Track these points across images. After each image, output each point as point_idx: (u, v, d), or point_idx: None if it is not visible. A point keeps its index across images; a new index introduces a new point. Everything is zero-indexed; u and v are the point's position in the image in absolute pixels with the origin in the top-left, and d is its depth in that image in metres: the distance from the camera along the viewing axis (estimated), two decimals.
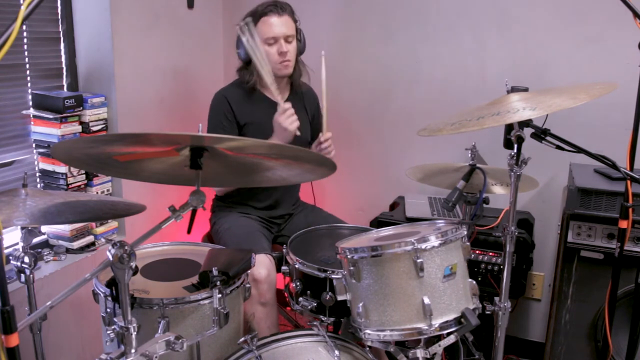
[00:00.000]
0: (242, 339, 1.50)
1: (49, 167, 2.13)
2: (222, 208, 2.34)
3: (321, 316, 1.77)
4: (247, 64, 2.20)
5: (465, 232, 1.56)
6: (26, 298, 1.53)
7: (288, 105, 2.12)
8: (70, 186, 2.13)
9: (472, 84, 2.55)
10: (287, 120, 2.09)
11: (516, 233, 1.59)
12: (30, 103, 2.13)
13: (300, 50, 2.25)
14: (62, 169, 2.11)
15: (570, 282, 2.03)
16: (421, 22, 2.61)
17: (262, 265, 1.97)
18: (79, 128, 2.16)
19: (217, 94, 2.27)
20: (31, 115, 2.11)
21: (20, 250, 1.49)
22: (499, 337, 1.64)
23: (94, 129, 2.21)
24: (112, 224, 2.32)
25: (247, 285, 1.72)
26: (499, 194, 1.97)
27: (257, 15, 2.15)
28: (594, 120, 2.35)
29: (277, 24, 2.14)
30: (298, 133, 2.12)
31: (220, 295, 1.49)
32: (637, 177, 1.49)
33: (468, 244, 1.56)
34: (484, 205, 1.86)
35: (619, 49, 2.26)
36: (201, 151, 1.23)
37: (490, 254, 2.20)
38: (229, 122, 2.21)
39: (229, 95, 2.23)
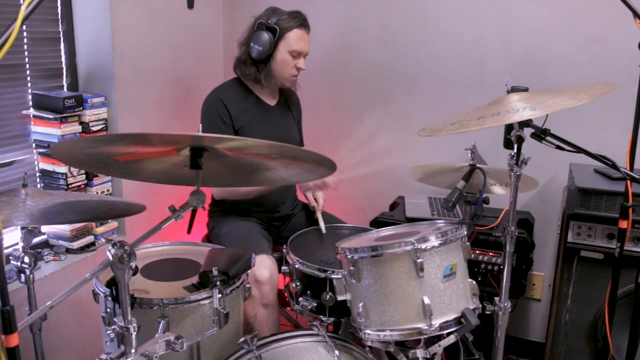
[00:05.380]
0: (242, 339, 1.50)
1: (49, 167, 2.13)
2: (220, 212, 2.32)
3: (321, 316, 1.77)
4: (257, 61, 2.17)
5: (465, 232, 1.56)
6: (26, 298, 1.53)
7: (334, 186, 2.21)
8: (70, 186, 2.13)
9: (472, 84, 2.55)
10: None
11: (516, 233, 1.59)
12: (30, 103, 2.13)
13: None
14: (62, 169, 2.11)
15: (570, 282, 2.03)
16: (421, 22, 2.61)
17: (264, 266, 1.96)
18: (79, 128, 2.16)
19: (211, 96, 2.21)
20: (31, 115, 2.11)
21: (20, 250, 1.49)
22: (499, 337, 1.64)
23: (94, 129, 2.21)
24: (112, 224, 2.32)
25: (247, 285, 1.72)
26: (499, 194, 1.97)
27: (289, 23, 2.13)
28: (594, 120, 2.36)
29: (306, 41, 2.18)
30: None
31: (220, 295, 1.48)
32: (637, 177, 1.49)
33: (468, 244, 1.56)
34: (484, 205, 1.86)
35: (619, 49, 2.26)
36: (201, 151, 1.23)
37: (490, 254, 2.20)
38: (225, 125, 2.16)
39: (225, 97, 2.18)
